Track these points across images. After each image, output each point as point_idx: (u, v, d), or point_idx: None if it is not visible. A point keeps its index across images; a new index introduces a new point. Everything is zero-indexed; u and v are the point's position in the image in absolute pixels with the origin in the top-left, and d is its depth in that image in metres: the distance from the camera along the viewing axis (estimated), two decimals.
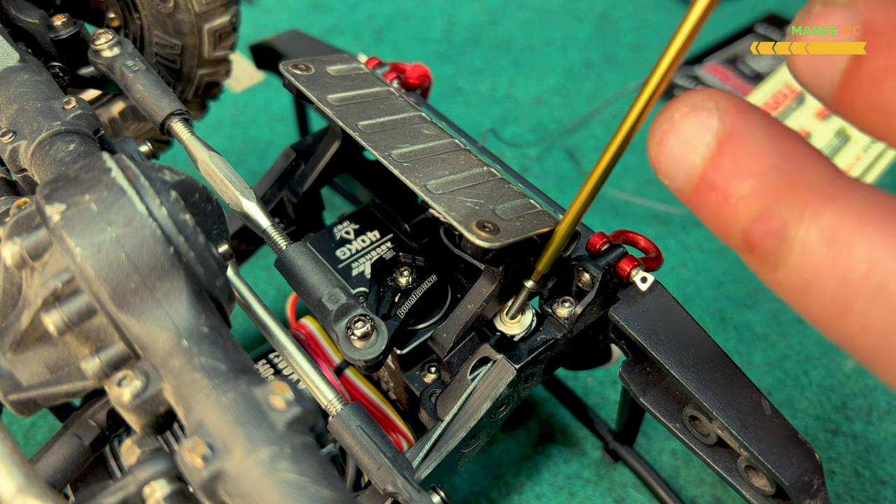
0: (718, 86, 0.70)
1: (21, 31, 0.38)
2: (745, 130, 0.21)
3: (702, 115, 0.22)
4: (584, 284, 0.34)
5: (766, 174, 0.20)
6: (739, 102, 0.22)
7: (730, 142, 0.21)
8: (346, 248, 0.41)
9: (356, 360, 0.31)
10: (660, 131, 0.23)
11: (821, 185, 0.20)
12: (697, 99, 0.22)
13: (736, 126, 0.21)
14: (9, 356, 0.25)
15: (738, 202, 0.21)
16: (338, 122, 0.35)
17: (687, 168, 0.22)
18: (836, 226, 0.19)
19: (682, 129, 0.22)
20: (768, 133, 0.21)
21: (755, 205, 0.20)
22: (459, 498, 0.44)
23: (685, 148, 0.22)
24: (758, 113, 0.21)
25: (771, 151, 0.21)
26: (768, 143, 0.21)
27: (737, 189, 0.21)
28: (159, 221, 0.23)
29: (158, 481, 0.23)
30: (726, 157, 0.21)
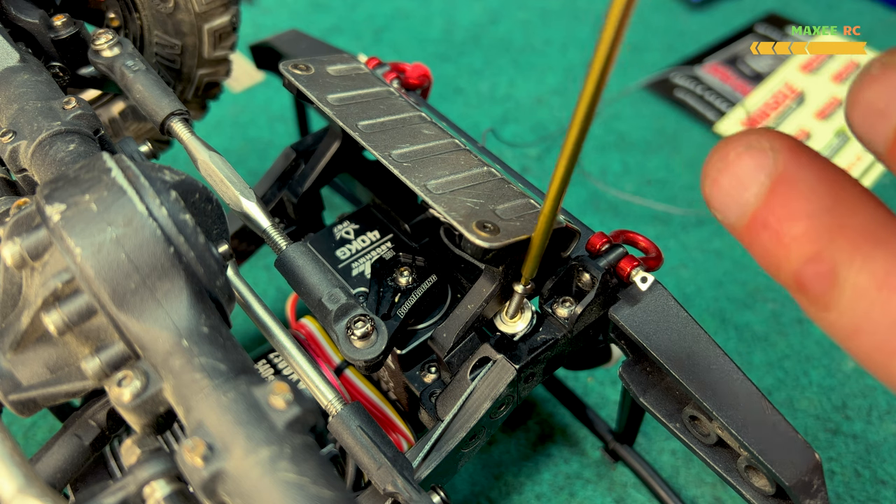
0: (718, 85, 0.70)
1: (21, 31, 0.38)
2: (799, 172, 0.21)
3: (756, 156, 0.22)
4: (584, 284, 0.34)
5: (819, 216, 0.21)
6: (794, 143, 0.22)
7: (783, 183, 0.21)
8: (346, 248, 0.41)
9: (356, 360, 0.31)
10: (714, 169, 0.23)
11: (873, 229, 0.20)
12: (753, 138, 0.22)
13: (789, 167, 0.21)
14: (9, 356, 0.25)
15: (790, 243, 0.21)
16: (338, 122, 0.35)
17: (740, 206, 0.22)
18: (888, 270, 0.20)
19: (736, 169, 0.22)
20: (821, 175, 0.21)
21: (807, 246, 0.21)
22: (459, 498, 0.44)
23: (739, 187, 0.22)
24: (811, 154, 0.22)
25: (823, 193, 0.21)
26: (821, 185, 0.21)
27: (789, 230, 0.21)
28: (159, 221, 0.23)
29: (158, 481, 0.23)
30: (779, 198, 0.21)
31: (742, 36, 0.76)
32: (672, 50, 0.75)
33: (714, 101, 0.69)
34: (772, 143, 0.22)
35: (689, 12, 0.79)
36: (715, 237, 0.58)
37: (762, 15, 0.79)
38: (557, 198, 0.26)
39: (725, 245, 0.58)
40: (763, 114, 0.68)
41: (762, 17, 0.78)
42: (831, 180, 0.21)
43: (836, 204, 0.21)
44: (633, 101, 0.70)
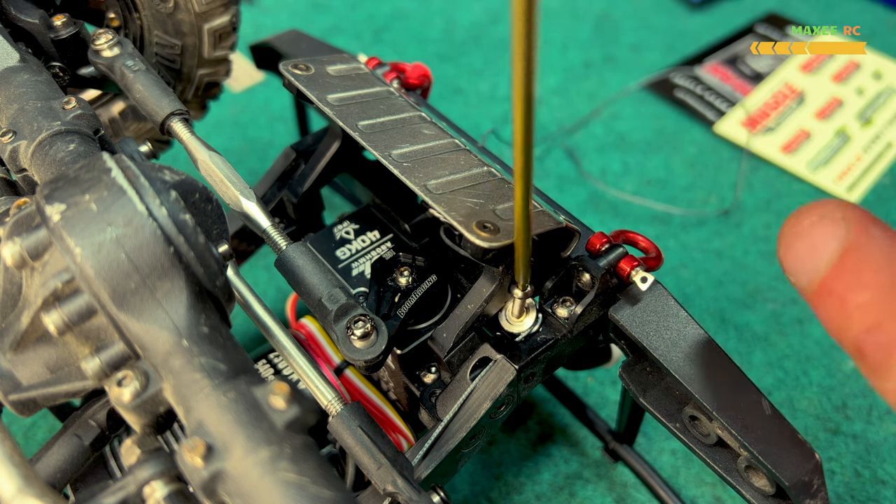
0: (718, 85, 0.70)
1: (21, 31, 0.38)
2: (868, 245, 0.23)
3: (829, 226, 0.23)
4: (584, 284, 0.34)
5: (883, 289, 0.22)
6: (865, 216, 0.23)
7: (852, 254, 0.23)
8: (346, 248, 0.41)
9: (356, 360, 0.31)
10: (789, 234, 0.25)
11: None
12: (827, 209, 0.24)
13: (860, 239, 0.23)
14: (9, 356, 0.25)
15: (854, 311, 0.22)
16: (338, 122, 0.35)
17: (811, 271, 0.24)
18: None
19: (810, 236, 0.24)
20: (889, 249, 0.23)
21: (869, 317, 0.22)
22: (459, 498, 0.44)
23: (811, 253, 0.24)
24: (882, 228, 0.23)
25: (889, 268, 0.22)
26: (887, 260, 0.23)
27: (853, 299, 0.22)
28: (159, 221, 0.23)
29: (158, 481, 0.23)
30: (847, 268, 0.23)
31: (742, 36, 0.76)
32: (672, 50, 0.75)
33: (714, 101, 0.69)
34: (844, 214, 0.24)
35: (689, 12, 0.79)
36: (715, 237, 0.58)
37: (762, 15, 0.79)
38: (525, 204, 0.26)
39: (725, 245, 0.58)
40: (763, 114, 0.68)
41: (762, 17, 0.78)
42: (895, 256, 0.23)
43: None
44: (633, 101, 0.70)
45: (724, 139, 0.66)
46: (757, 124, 0.67)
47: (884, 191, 0.62)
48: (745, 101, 0.69)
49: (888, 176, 0.63)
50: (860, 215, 0.24)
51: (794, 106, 0.69)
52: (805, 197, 0.61)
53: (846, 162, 0.63)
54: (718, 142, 0.66)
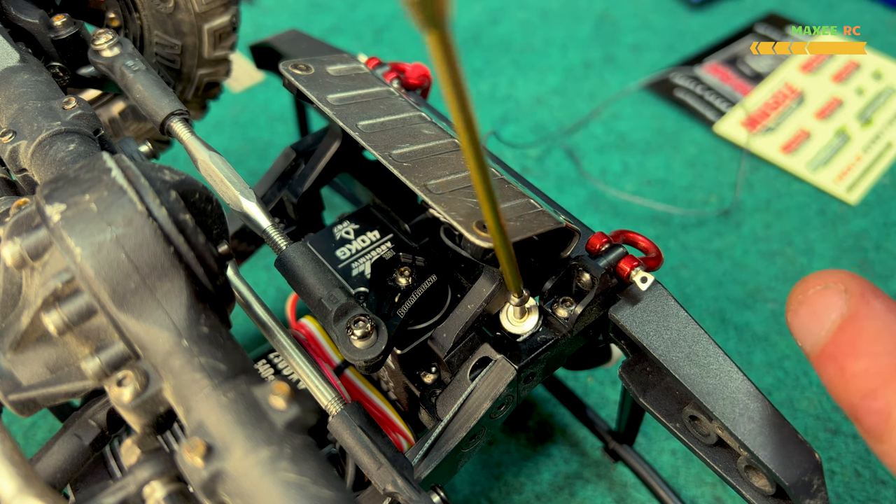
0: (718, 85, 0.70)
1: (21, 31, 0.38)
2: (867, 315, 0.24)
3: (831, 296, 0.25)
4: (584, 284, 0.34)
5: (879, 358, 0.23)
6: (867, 288, 0.25)
7: (852, 323, 0.24)
8: (346, 248, 0.41)
9: (356, 360, 0.31)
10: (796, 301, 0.26)
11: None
12: (831, 279, 0.25)
13: (860, 310, 0.24)
14: (9, 356, 0.25)
15: (851, 378, 0.24)
16: (338, 122, 0.35)
17: (814, 337, 0.25)
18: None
19: (814, 304, 0.25)
20: (886, 320, 0.24)
21: (865, 383, 0.23)
22: (459, 498, 0.44)
23: (815, 320, 0.25)
24: (882, 300, 0.25)
25: (886, 338, 0.24)
26: (885, 330, 0.24)
27: (851, 366, 0.24)
28: (159, 221, 0.23)
29: (158, 481, 0.23)
30: (846, 337, 0.24)
31: (742, 36, 0.76)
32: (672, 50, 0.75)
33: (714, 101, 0.69)
34: (847, 285, 0.25)
35: (689, 12, 0.79)
36: (715, 237, 0.58)
37: (762, 15, 0.79)
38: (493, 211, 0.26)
39: (725, 245, 0.58)
40: (763, 114, 0.68)
41: (762, 17, 0.78)
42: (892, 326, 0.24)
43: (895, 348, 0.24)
44: (633, 101, 0.70)
45: (724, 139, 0.66)
46: (757, 124, 0.67)
47: (884, 191, 0.62)
48: (745, 101, 0.69)
49: (888, 176, 0.63)
50: (861, 286, 0.25)
51: (794, 106, 0.69)
52: (805, 197, 0.61)
53: (846, 162, 0.63)
54: (718, 142, 0.66)
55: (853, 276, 0.25)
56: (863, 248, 0.57)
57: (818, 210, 0.60)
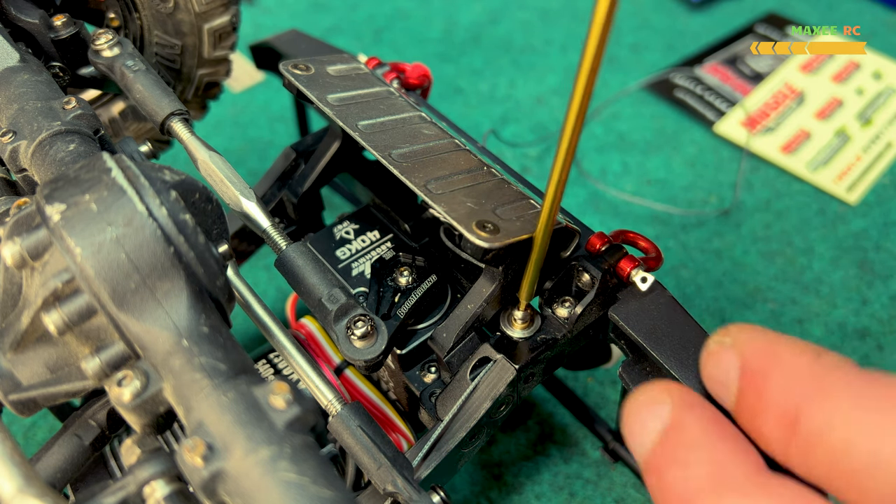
0: (718, 85, 0.70)
1: (21, 31, 0.38)
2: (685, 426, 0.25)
3: (656, 408, 0.26)
4: (584, 284, 0.34)
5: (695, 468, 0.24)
6: (691, 398, 0.26)
7: (672, 433, 0.25)
8: (346, 248, 0.41)
9: (356, 360, 0.31)
10: (626, 413, 0.27)
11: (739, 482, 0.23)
12: (656, 393, 0.26)
13: (681, 420, 0.25)
14: (9, 356, 0.25)
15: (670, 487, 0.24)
16: (338, 122, 0.35)
17: (642, 446, 0.26)
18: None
19: (640, 415, 0.26)
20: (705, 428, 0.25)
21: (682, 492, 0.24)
22: (459, 498, 0.44)
23: (641, 430, 0.26)
24: (704, 409, 0.26)
25: (702, 446, 0.24)
26: (702, 438, 0.25)
27: (669, 476, 0.24)
28: (159, 221, 0.23)
29: (158, 481, 0.23)
30: (667, 447, 0.25)
31: (742, 36, 0.76)
32: (672, 50, 0.75)
33: (714, 101, 0.69)
34: (672, 396, 0.26)
35: (689, 12, 0.79)
36: (715, 237, 0.58)
37: (762, 15, 0.79)
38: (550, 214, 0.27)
39: (725, 245, 0.58)
40: (763, 114, 0.68)
41: (762, 17, 0.78)
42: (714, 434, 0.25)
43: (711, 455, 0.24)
44: (633, 101, 0.70)
45: (724, 139, 0.66)
46: (757, 124, 0.67)
47: (884, 191, 0.62)
48: (745, 101, 0.69)
49: (888, 176, 0.63)
50: (685, 398, 0.26)
51: (794, 106, 0.69)
52: (805, 197, 0.61)
53: (846, 162, 0.63)
54: (718, 142, 0.66)
55: (680, 387, 0.26)
56: (863, 248, 0.57)
57: (818, 210, 0.60)
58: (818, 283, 0.55)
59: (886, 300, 0.54)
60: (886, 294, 0.54)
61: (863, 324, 0.52)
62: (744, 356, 0.25)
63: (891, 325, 0.52)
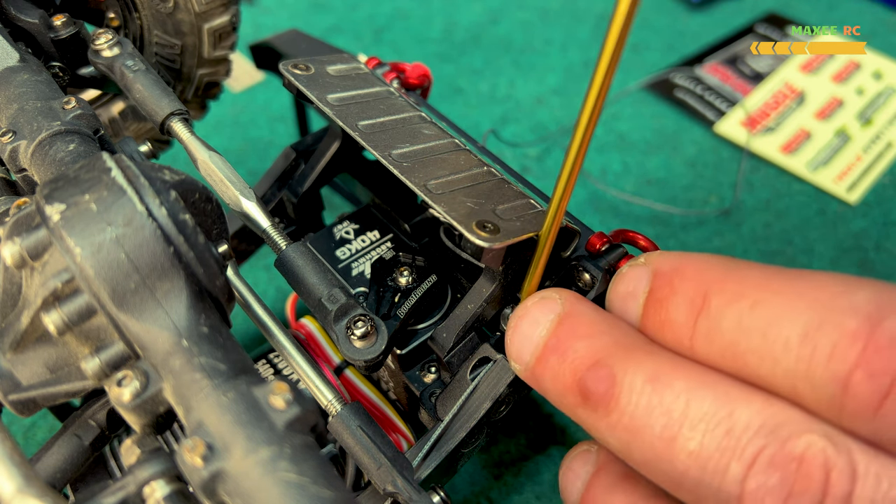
0: (718, 85, 0.70)
1: (21, 31, 0.38)
2: (580, 309, 0.27)
3: (547, 302, 0.27)
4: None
5: (596, 336, 0.25)
6: (578, 295, 0.28)
7: (568, 317, 0.27)
8: (346, 248, 0.41)
9: (356, 360, 0.31)
10: (515, 318, 0.28)
11: (641, 345, 0.25)
12: (545, 293, 0.28)
13: (573, 306, 0.27)
14: (9, 356, 0.25)
15: (574, 358, 0.25)
16: (338, 122, 0.35)
17: (534, 341, 0.27)
18: (657, 370, 0.23)
19: (532, 313, 0.27)
20: (597, 311, 0.27)
21: (588, 358, 0.25)
22: (459, 498, 0.44)
23: (533, 326, 0.27)
24: (591, 303, 0.28)
25: (600, 322, 0.26)
26: (597, 316, 0.26)
27: (573, 347, 0.26)
28: (159, 221, 0.23)
29: (158, 481, 0.23)
30: (565, 328, 0.26)
31: (742, 36, 0.76)
32: (672, 50, 0.75)
33: (714, 101, 0.69)
34: (559, 294, 0.28)
35: (689, 12, 0.79)
36: (715, 237, 0.58)
37: (762, 15, 0.79)
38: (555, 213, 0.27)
39: (725, 245, 0.58)
40: (763, 114, 0.68)
41: (762, 17, 0.78)
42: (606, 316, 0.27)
43: (611, 328, 0.26)
44: (633, 101, 0.70)
45: (724, 139, 0.66)
46: (757, 124, 0.67)
47: (884, 191, 0.62)
48: (745, 101, 0.69)
49: (888, 176, 0.63)
50: (573, 294, 0.28)
51: (794, 106, 0.69)
52: (805, 197, 0.61)
53: (846, 162, 0.63)
54: (718, 142, 0.66)
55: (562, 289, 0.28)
56: (863, 248, 0.57)
57: (818, 210, 0.60)
58: None
59: None
60: None
61: None
62: (656, 266, 0.26)
63: None
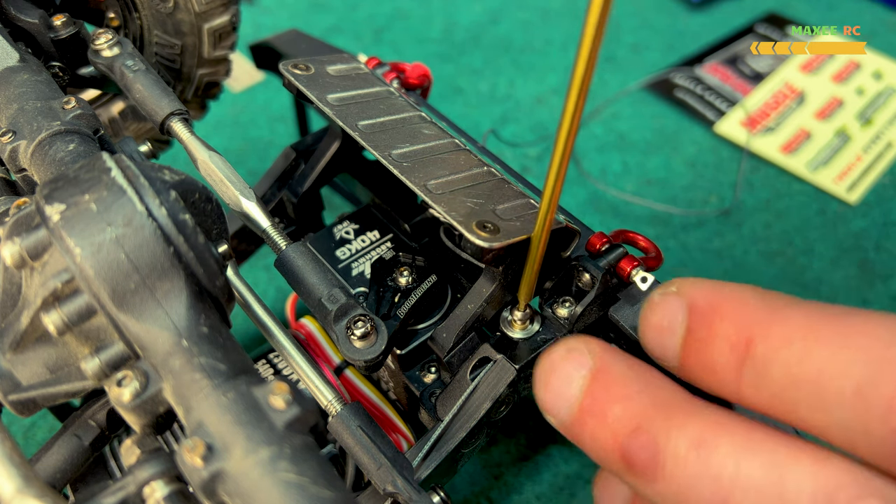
0: (718, 85, 0.70)
1: (21, 31, 0.38)
2: (612, 365, 0.25)
3: (577, 356, 0.26)
4: (584, 284, 0.34)
5: (634, 397, 0.24)
6: (605, 345, 0.26)
7: (601, 374, 0.25)
8: (346, 248, 0.41)
9: (356, 360, 0.31)
10: (544, 373, 0.27)
11: (681, 403, 0.24)
12: (572, 344, 0.26)
13: (604, 361, 0.25)
14: (9, 356, 0.25)
15: (614, 422, 0.24)
16: (338, 122, 0.35)
17: (568, 400, 0.26)
18: (701, 433, 0.23)
19: (562, 369, 0.26)
20: (630, 366, 0.25)
21: (628, 423, 0.24)
22: (459, 498, 0.44)
23: (566, 383, 0.26)
24: (621, 353, 0.26)
25: (635, 379, 0.25)
26: (631, 373, 0.25)
27: (611, 411, 0.24)
28: (159, 221, 0.23)
29: (158, 481, 0.23)
30: (599, 387, 0.25)
31: (742, 36, 0.76)
32: (672, 50, 0.75)
33: (714, 101, 0.69)
34: (588, 345, 0.26)
35: (689, 12, 0.79)
36: (715, 237, 0.58)
37: (762, 15, 0.79)
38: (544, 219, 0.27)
39: (725, 245, 0.58)
40: (763, 114, 0.68)
41: (762, 17, 0.78)
42: (639, 370, 0.25)
43: (647, 386, 0.25)
44: (633, 101, 0.70)
45: (724, 139, 0.66)
46: (757, 124, 0.67)
47: (884, 191, 0.62)
48: (745, 101, 0.69)
49: (888, 176, 0.63)
50: (601, 344, 0.26)
51: (794, 106, 0.69)
52: (805, 197, 0.61)
53: (846, 162, 0.63)
54: (718, 142, 0.66)
55: (591, 337, 0.27)
56: (863, 248, 0.57)
57: (818, 210, 0.60)
58: (818, 283, 0.55)
59: (886, 300, 0.54)
60: (886, 294, 0.54)
61: None
62: (691, 298, 0.25)
63: None
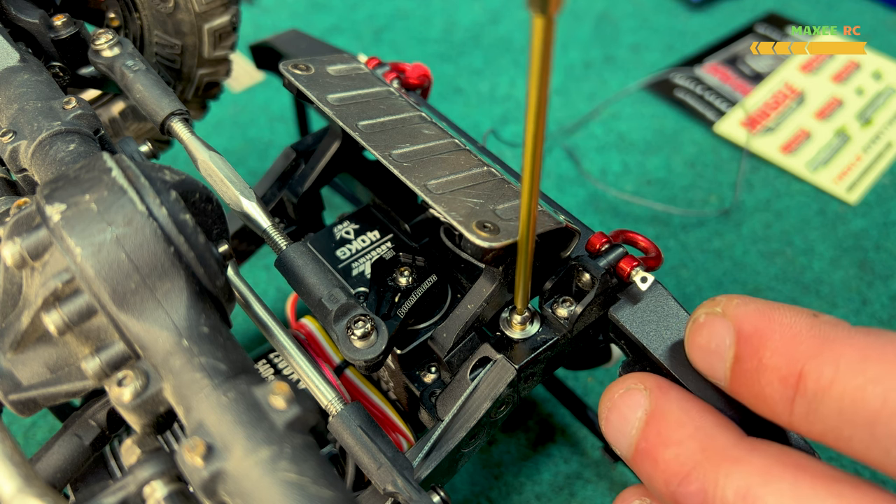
0: (718, 85, 0.70)
1: (21, 31, 0.38)
2: (666, 406, 0.26)
3: (634, 396, 0.27)
4: (584, 284, 0.34)
5: (685, 442, 0.25)
6: (663, 383, 0.27)
7: (655, 417, 0.26)
8: (346, 248, 0.41)
9: (356, 360, 0.31)
10: (605, 408, 0.28)
11: (729, 449, 0.24)
12: (630, 382, 0.27)
13: (660, 403, 0.26)
14: (9, 356, 0.25)
15: (664, 467, 0.25)
16: (338, 122, 0.35)
17: (627, 438, 0.26)
18: (747, 484, 0.23)
19: (620, 408, 0.27)
20: (683, 407, 0.26)
21: (678, 469, 0.25)
22: (459, 498, 0.44)
23: (624, 423, 0.27)
24: (677, 391, 0.27)
25: (686, 422, 0.25)
26: (684, 416, 0.26)
27: (662, 456, 0.25)
28: (159, 221, 0.23)
29: (158, 481, 0.23)
30: (653, 430, 0.26)
31: (742, 36, 0.76)
32: (672, 50, 0.75)
33: (714, 101, 0.69)
34: (645, 383, 0.27)
35: (689, 12, 0.79)
36: (715, 237, 0.58)
37: (762, 15, 0.79)
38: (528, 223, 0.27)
39: (725, 245, 0.58)
40: (763, 114, 0.68)
41: (762, 17, 0.78)
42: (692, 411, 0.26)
43: (697, 431, 0.25)
44: (633, 101, 0.70)
45: (724, 139, 0.66)
46: (757, 124, 0.67)
47: (884, 191, 0.62)
48: (744, 101, 0.69)
49: (888, 176, 0.63)
50: (658, 383, 0.27)
51: (794, 106, 0.69)
52: (805, 197, 0.61)
53: (846, 162, 0.63)
54: (718, 142, 0.66)
55: (649, 374, 0.27)
56: (863, 248, 0.57)
57: (818, 210, 0.60)
58: (818, 283, 0.55)
59: (886, 300, 0.54)
60: (886, 294, 0.54)
61: (863, 324, 0.52)
62: (738, 322, 0.25)
63: (891, 325, 0.52)
